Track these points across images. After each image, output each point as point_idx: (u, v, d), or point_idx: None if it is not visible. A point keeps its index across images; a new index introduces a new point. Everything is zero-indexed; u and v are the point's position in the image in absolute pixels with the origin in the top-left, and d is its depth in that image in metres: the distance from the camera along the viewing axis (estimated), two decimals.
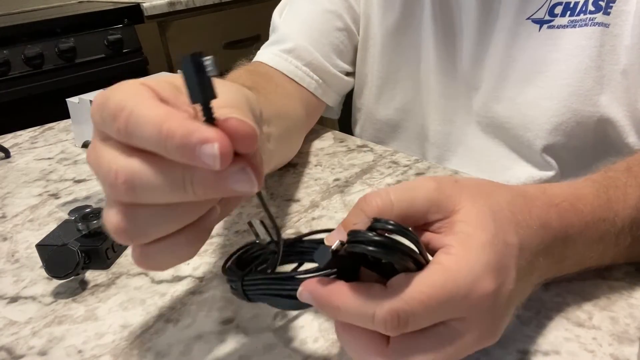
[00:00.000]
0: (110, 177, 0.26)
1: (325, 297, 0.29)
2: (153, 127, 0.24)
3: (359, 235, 0.28)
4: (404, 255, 0.28)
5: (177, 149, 0.24)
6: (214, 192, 0.26)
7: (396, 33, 0.71)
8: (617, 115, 0.57)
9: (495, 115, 0.65)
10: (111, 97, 0.26)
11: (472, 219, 0.30)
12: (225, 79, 0.57)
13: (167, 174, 0.25)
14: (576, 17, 0.56)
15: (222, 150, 0.24)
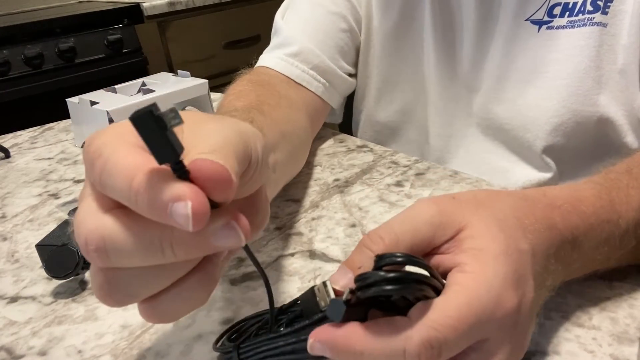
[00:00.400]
0: (81, 242, 0.24)
1: (343, 344, 0.26)
2: (124, 180, 0.22)
3: (369, 277, 0.26)
4: (421, 284, 0.26)
5: (148, 205, 0.22)
6: (195, 253, 0.24)
7: (396, 35, 0.71)
8: (615, 114, 0.57)
9: (495, 117, 0.65)
10: (94, 140, 0.24)
11: (480, 233, 0.29)
12: (228, 92, 0.57)
13: (142, 236, 0.23)
14: (575, 17, 0.56)
15: (195, 209, 0.21)
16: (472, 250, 0.28)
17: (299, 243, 0.50)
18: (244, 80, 0.61)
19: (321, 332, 0.27)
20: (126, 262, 0.24)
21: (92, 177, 0.24)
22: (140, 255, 0.23)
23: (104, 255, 0.23)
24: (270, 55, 0.67)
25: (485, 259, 0.28)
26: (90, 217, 0.24)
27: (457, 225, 0.30)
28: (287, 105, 0.57)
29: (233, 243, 0.23)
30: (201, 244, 0.23)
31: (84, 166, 0.25)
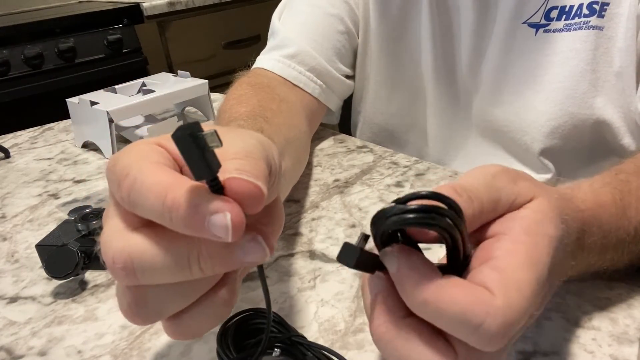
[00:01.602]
0: (108, 262, 0.24)
1: (426, 284, 0.24)
2: (156, 198, 0.23)
3: (388, 210, 0.23)
4: (453, 219, 0.23)
5: (183, 220, 0.22)
6: (223, 268, 0.24)
7: (393, 38, 0.71)
8: (612, 117, 0.57)
9: (493, 120, 0.65)
10: (119, 161, 0.25)
11: (535, 207, 0.27)
12: (229, 96, 0.57)
13: (169, 253, 0.24)
14: (571, 20, 0.57)
15: (234, 220, 0.22)
16: (526, 223, 0.26)
17: (299, 243, 0.50)
18: (243, 84, 0.61)
19: (407, 253, 0.25)
20: (153, 280, 0.25)
21: (120, 196, 0.24)
22: (167, 272, 0.24)
23: (132, 274, 0.24)
24: (267, 56, 0.67)
25: (536, 236, 0.26)
26: (116, 236, 0.25)
27: (523, 198, 0.28)
28: (287, 109, 0.57)
29: (259, 258, 0.24)
30: (228, 259, 0.24)
31: (84, 166, 0.25)
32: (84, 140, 0.81)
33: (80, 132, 0.81)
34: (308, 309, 0.41)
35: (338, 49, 0.69)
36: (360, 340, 0.38)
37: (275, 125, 0.50)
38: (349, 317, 0.40)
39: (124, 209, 0.25)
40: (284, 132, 0.51)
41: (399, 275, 0.24)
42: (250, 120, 0.48)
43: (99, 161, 0.75)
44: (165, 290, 0.25)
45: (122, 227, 0.25)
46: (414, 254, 0.24)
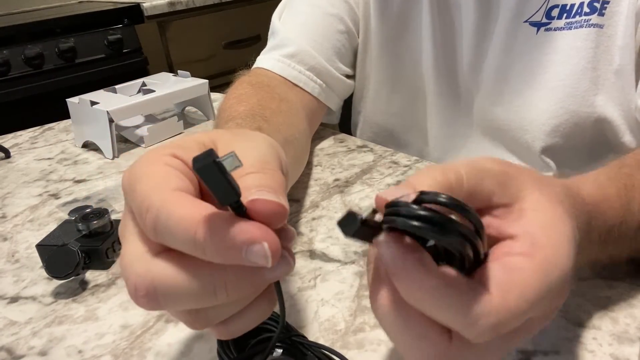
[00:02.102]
0: (130, 288, 0.24)
1: (426, 271, 0.23)
2: (185, 234, 0.23)
3: (401, 206, 0.22)
4: (464, 239, 0.22)
5: (218, 253, 0.22)
6: (252, 290, 0.25)
7: (394, 37, 0.71)
8: (612, 115, 0.58)
9: (494, 118, 0.65)
10: (137, 186, 0.25)
11: (545, 208, 0.26)
12: (229, 95, 0.57)
13: (194, 281, 0.24)
14: (572, 19, 0.57)
15: (272, 248, 0.22)
16: (537, 223, 0.25)
17: (299, 243, 0.50)
18: (244, 83, 0.61)
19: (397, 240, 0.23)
20: (176, 307, 0.25)
21: (144, 228, 0.24)
22: (192, 299, 0.24)
23: (154, 301, 0.24)
24: (267, 56, 0.67)
25: (559, 238, 0.25)
26: (138, 261, 0.25)
27: (518, 192, 0.27)
28: (287, 109, 0.57)
29: (285, 272, 0.24)
30: (255, 281, 0.24)
31: (84, 166, 0.25)
32: (84, 140, 0.81)
33: (80, 132, 0.81)
34: (308, 308, 0.41)
35: (338, 49, 0.69)
36: (360, 339, 0.38)
37: (274, 124, 0.50)
38: (349, 316, 0.40)
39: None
40: (283, 131, 0.51)
41: (393, 267, 0.23)
42: (248, 119, 0.48)
43: (99, 161, 0.75)
44: (218, 308, 0.25)
45: (142, 250, 0.25)
46: (409, 248, 0.23)
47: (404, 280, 0.23)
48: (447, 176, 0.25)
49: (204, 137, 0.29)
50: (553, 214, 0.26)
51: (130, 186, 0.25)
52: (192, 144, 0.28)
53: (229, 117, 0.49)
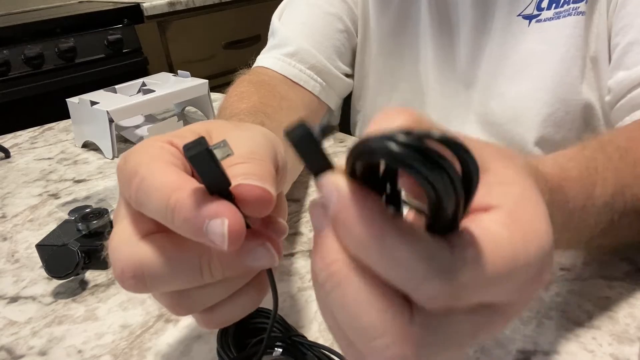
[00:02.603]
0: (117, 272, 0.24)
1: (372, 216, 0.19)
2: (161, 198, 0.22)
3: (387, 134, 0.16)
4: (452, 182, 0.17)
5: (184, 223, 0.22)
6: (233, 273, 0.24)
7: (393, 35, 0.71)
8: (594, 102, 0.59)
9: (490, 112, 0.65)
10: (129, 160, 0.25)
11: (512, 180, 0.23)
12: (230, 93, 0.58)
13: (179, 262, 0.24)
14: (560, 8, 0.58)
15: (231, 227, 0.21)
16: (511, 196, 0.22)
17: (299, 243, 0.50)
18: (244, 81, 0.61)
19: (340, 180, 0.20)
20: (164, 288, 0.25)
21: (128, 195, 0.24)
22: (178, 280, 0.24)
23: (141, 283, 0.24)
24: (267, 55, 0.67)
25: (535, 211, 0.22)
26: (125, 244, 0.25)
27: (482, 163, 0.20)
28: (288, 106, 0.58)
29: (267, 263, 0.24)
30: (238, 265, 0.24)
31: (84, 166, 0.25)
32: (84, 140, 0.81)
33: (80, 132, 0.81)
34: (308, 308, 0.41)
35: (337, 48, 0.69)
36: None
37: (276, 121, 0.50)
38: None
39: (134, 210, 0.25)
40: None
41: (339, 206, 0.19)
42: (250, 115, 0.48)
43: (99, 161, 0.75)
44: (203, 292, 0.25)
45: (130, 233, 0.25)
46: (363, 189, 0.19)
47: (352, 223, 0.19)
48: (417, 116, 0.21)
49: (199, 127, 0.29)
50: (524, 187, 0.23)
51: (123, 164, 0.25)
52: (188, 133, 0.28)
53: (231, 114, 0.50)
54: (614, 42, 0.54)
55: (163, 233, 0.24)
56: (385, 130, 0.17)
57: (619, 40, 0.54)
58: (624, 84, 0.53)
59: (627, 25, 0.53)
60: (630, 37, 0.52)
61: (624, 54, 0.53)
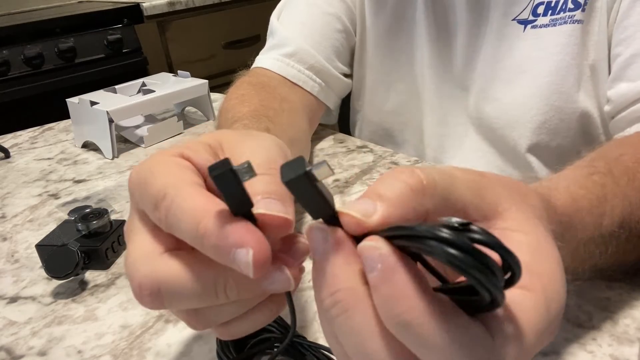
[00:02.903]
0: (134, 288, 0.25)
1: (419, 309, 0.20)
2: (191, 223, 0.23)
3: (430, 228, 0.19)
4: (498, 282, 0.19)
5: (213, 249, 0.23)
6: (248, 295, 0.25)
7: (388, 36, 0.71)
8: (592, 110, 0.59)
9: (485, 117, 0.65)
10: (152, 179, 0.25)
11: (527, 228, 0.24)
12: (230, 96, 0.58)
13: (196, 281, 0.24)
14: (556, 15, 0.57)
15: (256, 257, 0.22)
16: (527, 248, 0.23)
17: None
18: (244, 83, 0.61)
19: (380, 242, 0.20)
20: (180, 306, 0.25)
21: (157, 218, 0.25)
22: (195, 299, 0.24)
23: (158, 300, 0.24)
24: (266, 56, 0.67)
25: (551, 264, 0.23)
26: (142, 261, 0.25)
27: (495, 207, 0.24)
28: (289, 108, 0.58)
29: (283, 287, 0.24)
30: (254, 288, 0.24)
31: (84, 166, 0.25)
32: (84, 140, 0.81)
33: (80, 132, 0.81)
34: (308, 308, 0.41)
35: (336, 48, 0.69)
36: None
37: (279, 125, 0.50)
38: None
39: (152, 225, 0.25)
40: (288, 131, 0.52)
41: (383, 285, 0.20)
42: (254, 120, 0.48)
43: (99, 161, 0.75)
44: (219, 310, 0.26)
45: (149, 249, 0.25)
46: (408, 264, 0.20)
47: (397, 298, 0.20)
48: (418, 178, 0.22)
49: (209, 138, 0.29)
50: (538, 235, 0.24)
51: (141, 181, 0.26)
52: (199, 146, 0.28)
53: (234, 118, 0.49)
54: (615, 52, 0.54)
55: (182, 251, 0.25)
56: (440, 225, 0.18)
57: (621, 51, 0.53)
58: (627, 96, 0.52)
59: (630, 37, 0.52)
60: (633, 49, 0.52)
61: (626, 65, 0.52)
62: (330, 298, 0.21)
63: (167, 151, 0.27)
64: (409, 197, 0.22)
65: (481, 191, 0.24)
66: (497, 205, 0.24)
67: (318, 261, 0.22)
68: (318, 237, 0.22)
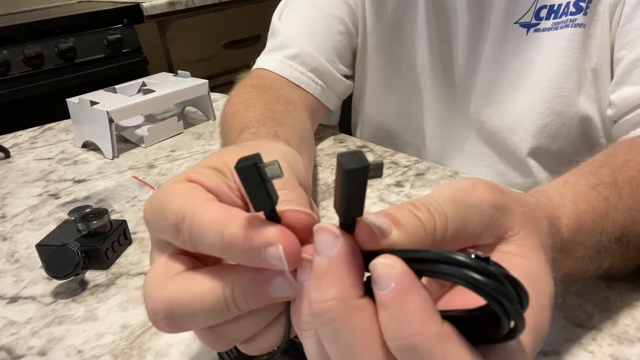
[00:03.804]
0: (150, 315, 0.25)
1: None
2: (215, 235, 0.23)
3: (449, 252, 0.20)
4: (522, 311, 0.20)
5: (242, 255, 0.23)
6: (257, 304, 0.24)
7: (388, 38, 0.71)
8: (593, 114, 0.58)
9: (487, 120, 0.65)
10: (167, 205, 0.25)
11: (530, 255, 0.25)
12: (233, 100, 0.57)
13: (206, 296, 0.24)
14: (559, 19, 0.57)
15: (287, 250, 0.22)
16: (526, 276, 0.23)
17: None
18: (247, 86, 0.61)
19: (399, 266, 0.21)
20: (195, 325, 0.25)
21: (182, 240, 0.25)
22: (206, 315, 0.24)
23: (173, 323, 0.25)
24: (269, 57, 0.67)
25: (542, 297, 0.24)
26: (155, 286, 0.25)
27: (505, 230, 0.25)
28: (293, 109, 0.58)
29: (288, 294, 0.24)
30: (261, 296, 0.24)
31: (84, 166, 0.26)
32: (84, 140, 0.81)
33: (80, 132, 0.81)
34: None
35: (338, 50, 0.69)
36: None
37: (286, 126, 0.50)
38: None
39: (168, 252, 0.26)
40: (296, 131, 0.52)
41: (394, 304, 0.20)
42: (262, 125, 0.48)
43: (99, 161, 0.75)
44: (237, 326, 0.25)
45: (160, 274, 0.25)
46: (421, 287, 0.21)
47: (405, 315, 0.20)
48: (432, 220, 0.23)
49: (215, 160, 0.29)
50: (539, 265, 0.25)
51: (156, 212, 0.26)
52: (205, 169, 0.28)
53: (241, 126, 0.49)
54: (618, 55, 0.54)
55: (189, 271, 0.25)
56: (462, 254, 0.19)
57: (624, 55, 0.53)
58: (631, 100, 0.52)
59: (634, 41, 0.52)
60: (637, 53, 0.51)
61: (630, 69, 0.52)
62: (322, 304, 0.21)
63: (175, 178, 0.27)
64: (421, 236, 0.23)
65: (494, 220, 0.25)
66: (507, 230, 0.25)
67: (319, 263, 0.22)
68: (328, 240, 0.22)
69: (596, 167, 0.38)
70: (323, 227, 0.22)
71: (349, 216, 0.22)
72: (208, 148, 0.76)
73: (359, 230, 0.22)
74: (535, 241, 0.26)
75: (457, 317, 0.21)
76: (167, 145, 0.79)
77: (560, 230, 0.31)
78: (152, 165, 0.72)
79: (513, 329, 0.20)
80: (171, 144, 0.79)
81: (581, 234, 0.33)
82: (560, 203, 0.33)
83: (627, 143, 0.44)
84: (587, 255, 0.34)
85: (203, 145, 0.77)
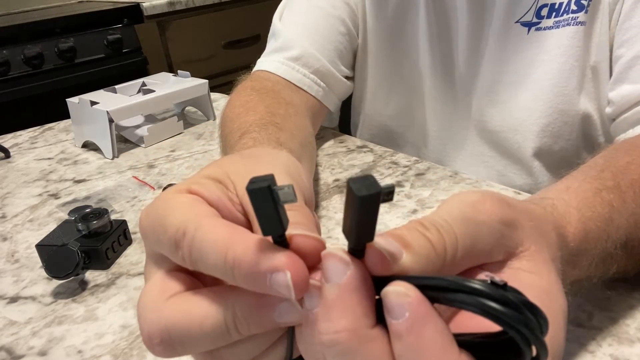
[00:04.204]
0: (144, 338, 0.24)
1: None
2: (218, 255, 0.22)
3: (464, 280, 0.19)
4: (542, 338, 0.19)
5: (246, 278, 0.21)
6: (259, 329, 0.23)
7: (389, 37, 0.71)
8: (592, 112, 0.58)
9: (489, 120, 0.65)
10: (167, 219, 0.24)
11: (541, 271, 0.24)
12: (234, 103, 0.57)
13: (206, 320, 0.23)
14: (560, 17, 0.57)
15: (295, 278, 0.20)
16: (539, 293, 0.23)
17: None
18: (247, 89, 0.60)
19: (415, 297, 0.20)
20: (193, 350, 0.24)
21: (181, 256, 0.24)
22: (206, 339, 0.23)
23: (170, 347, 0.23)
24: (270, 58, 0.66)
25: (557, 316, 0.24)
26: (150, 308, 0.24)
27: (515, 246, 0.25)
28: (294, 113, 0.57)
29: (295, 320, 0.23)
30: (264, 321, 0.23)
31: (84, 166, 0.25)
32: (84, 140, 0.81)
33: (80, 132, 0.81)
34: None
35: (340, 50, 0.69)
36: None
37: (288, 131, 0.50)
38: None
39: (164, 269, 0.25)
40: (298, 136, 0.51)
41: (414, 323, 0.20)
42: (263, 130, 0.47)
43: (99, 161, 0.75)
44: (237, 349, 0.24)
45: (156, 295, 0.24)
46: (436, 315, 0.20)
47: (421, 346, 0.19)
48: (442, 240, 0.22)
49: (214, 170, 0.28)
50: (551, 281, 0.24)
51: (154, 224, 0.25)
52: (205, 180, 0.27)
53: (241, 130, 0.48)
54: (617, 53, 0.54)
55: (188, 292, 0.24)
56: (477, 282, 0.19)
57: (623, 53, 0.53)
58: (629, 98, 0.52)
59: (633, 39, 0.52)
60: (636, 51, 0.51)
61: (629, 67, 0.52)
62: (333, 336, 0.21)
63: (174, 189, 0.26)
64: (431, 258, 0.22)
65: (503, 238, 0.24)
66: (518, 246, 0.24)
67: (329, 291, 0.21)
68: (337, 267, 0.21)
69: (598, 171, 0.38)
70: (332, 253, 0.21)
71: (360, 242, 0.21)
72: (208, 148, 0.76)
73: (370, 255, 0.21)
74: (546, 256, 0.25)
75: (474, 344, 0.21)
76: (167, 145, 0.79)
77: (567, 239, 0.31)
78: (152, 165, 0.72)
79: (536, 357, 0.19)
80: (171, 144, 0.79)
81: (587, 241, 0.33)
82: (565, 210, 0.33)
83: (627, 144, 0.44)
84: (594, 263, 0.33)
85: (203, 145, 0.77)
